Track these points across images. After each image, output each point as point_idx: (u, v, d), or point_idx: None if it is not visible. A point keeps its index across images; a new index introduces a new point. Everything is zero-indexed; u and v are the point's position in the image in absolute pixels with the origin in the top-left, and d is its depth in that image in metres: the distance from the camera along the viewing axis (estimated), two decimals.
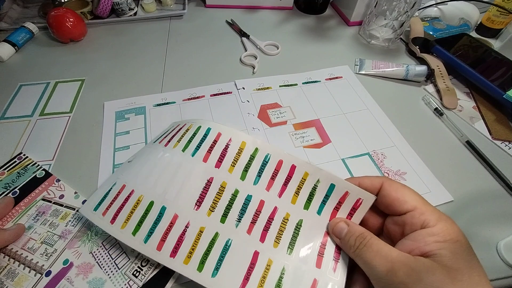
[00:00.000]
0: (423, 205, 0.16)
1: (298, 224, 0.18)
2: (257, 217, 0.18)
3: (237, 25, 0.45)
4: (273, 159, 0.19)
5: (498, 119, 0.34)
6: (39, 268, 0.20)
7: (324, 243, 0.17)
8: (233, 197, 0.18)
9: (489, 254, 0.23)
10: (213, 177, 0.18)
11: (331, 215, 0.18)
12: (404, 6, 0.39)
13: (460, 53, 0.39)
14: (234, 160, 0.19)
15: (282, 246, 0.17)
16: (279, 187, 0.18)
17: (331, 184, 0.18)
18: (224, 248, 0.17)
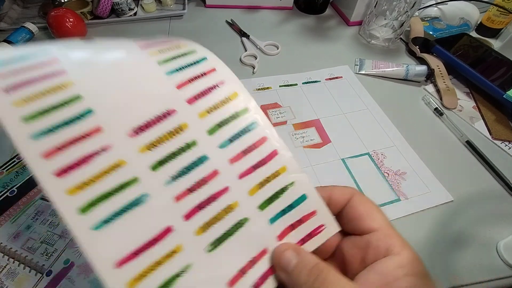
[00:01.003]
0: (389, 227, 0.14)
1: (240, 222, 0.13)
2: (199, 186, 0.13)
3: (237, 25, 0.45)
4: (258, 131, 0.14)
5: (498, 119, 0.34)
6: (40, 268, 0.20)
7: (255, 260, 0.13)
8: (186, 147, 0.13)
9: (489, 254, 0.23)
10: (175, 111, 0.13)
11: (283, 232, 0.14)
12: (404, 6, 0.39)
13: (460, 53, 0.39)
14: (213, 107, 0.14)
15: (204, 238, 0.12)
16: (245, 167, 0.14)
17: (303, 194, 0.14)
18: (133, 202, 0.11)
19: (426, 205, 0.26)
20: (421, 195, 0.26)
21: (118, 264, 0.11)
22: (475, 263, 0.23)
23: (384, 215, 0.14)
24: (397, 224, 0.26)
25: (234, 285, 0.12)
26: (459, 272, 0.22)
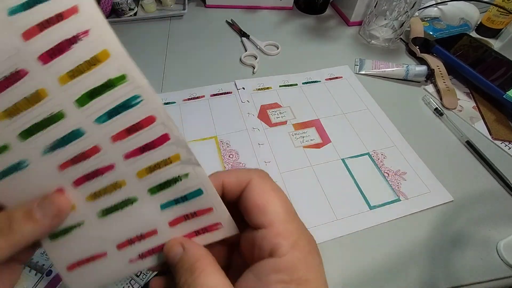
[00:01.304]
0: (283, 223, 0.12)
1: (129, 200, 0.14)
2: (81, 160, 0.13)
3: (237, 25, 0.45)
4: (143, 109, 0.12)
5: (498, 119, 0.34)
6: (40, 268, 0.20)
7: (143, 236, 0.14)
8: (53, 118, 0.12)
9: (489, 254, 0.23)
10: (27, 72, 0.11)
11: (175, 220, 0.14)
12: (404, 6, 0.39)
13: (460, 53, 0.39)
14: (76, 70, 0.12)
15: (95, 205, 0.14)
16: (130, 148, 0.13)
17: (199, 188, 0.14)
18: (13, 166, 0.12)
19: (426, 205, 0.26)
20: (421, 195, 0.26)
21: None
22: (475, 263, 0.23)
23: (283, 206, 0.13)
24: (397, 224, 0.26)
25: (122, 249, 0.14)
26: (459, 272, 0.22)
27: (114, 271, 0.15)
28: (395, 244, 0.23)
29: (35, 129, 0.12)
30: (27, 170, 0.12)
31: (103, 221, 0.14)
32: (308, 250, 0.12)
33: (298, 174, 0.27)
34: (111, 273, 0.15)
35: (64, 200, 0.13)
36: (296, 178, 0.27)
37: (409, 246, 0.23)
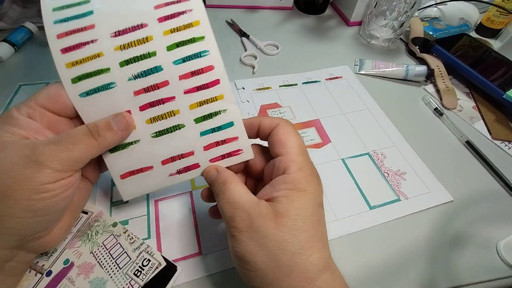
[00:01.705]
0: (296, 154, 0.16)
1: (179, 125, 0.18)
2: (152, 90, 0.17)
3: (237, 25, 0.45)
4: (208, 59, 0.17)
5: (498, 119, 0.34)
6: (40, 268, 0.20)
7: (183, 156, 0.18)
8: (147, 55, 0.17)
9: (489, 254, 0.23)
10: (147, 25, 0.16)
11: (209, 145, 0.18)
12: (404, 6, 0.39)
13: (460, 53, 0.39)
14: (176, 28, 0.17)
15: (151, 127, 0.17)
16: (190, 85, 0.17)
17: (231, 121, 0.18)
18: (105, 85, 0.16)
19: (426, 205, 0.26)
20: (421, 195, 0.26)
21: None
22: (475, 263, 0.23)
23: (298, 144, 0.17)
24: (397, 224, 0.26)
25: (165, 164, 0.18)
26: (459, 272, 0.22)
27: (156, 182, 0.19)
28: (395, 244, 0.23)
29: (133, 60, 0.16)
30: (112, 90, 0.17)
31: (155, 141, 0.18)
32: (310, 173, 0.16)
33: None
34: (153, 183, 0.19)
35: (131, 118, 0.17)
36: None
37: (409, 246, 0.23)
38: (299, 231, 0.14)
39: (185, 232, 0.23)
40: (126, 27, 0.16)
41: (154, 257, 0.21)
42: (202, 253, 0.22)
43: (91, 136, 0.15)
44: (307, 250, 0.14)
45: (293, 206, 0.15)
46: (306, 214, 0.15)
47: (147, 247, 0.21)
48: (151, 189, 0.19)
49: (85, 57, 0.16)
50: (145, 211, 0.24)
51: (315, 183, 0.16)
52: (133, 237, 0.22)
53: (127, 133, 0.17)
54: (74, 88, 0.16)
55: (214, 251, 0.22)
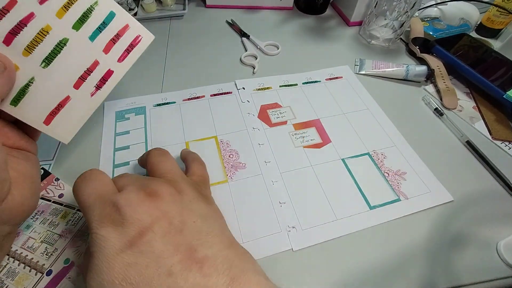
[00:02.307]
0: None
1: (61, 42, 0.16)
2: (4, 15, 0.15)
3: (237, 25, 0.45)
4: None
5: (498, 119, 0.34)
6: (40, 267, 0.20)
7: (91, 69, 0.17)
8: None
9: (489, 254, 0.23)
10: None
11: (107, 46, 0.17)
12: (404, 6, 0.39)
13: (460, 53, 0.39)
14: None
15: (34, 59, 0.16)
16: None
17: (111, 11, 0.17)
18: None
19: (426, 205, 0.26)
20: (421, 195, 0.26)
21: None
22: (475, 263, 0.23)
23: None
24: (397, 224, 0.26)
25: (79, 88, 0.17)
26: (459, 272, 0.22)
27: (84, 109, 0.18)
28: (395, 244, 0.23)
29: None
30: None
31: (50, 69, 0.16)
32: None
33: (298, 174, 0.27)
34: (82, 111, 0.18)
35: (4, 56, 0.15)
36: (296, 178, 0.27)
37: (409, 246, 0.23)
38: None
39: None
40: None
41: None
42: None
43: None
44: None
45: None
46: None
47: None
48: (84, 119, 0.18)
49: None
50: None
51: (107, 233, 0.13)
52: None
53: (9, 72, 0.15)
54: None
55: None
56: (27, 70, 0.16)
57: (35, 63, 0.16)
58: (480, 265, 0.23)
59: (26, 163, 0.18)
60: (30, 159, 0.18)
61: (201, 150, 0.29)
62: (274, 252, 0.22)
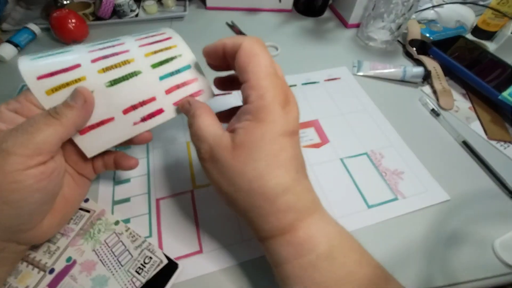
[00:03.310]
0: (258, 79, 0.15)
1: (135, 72, 0.18)
2: (108, 49, 0.18)
3: (237, 27, 0.46)
4: (166, 32, 0.20)
5: (494, 119, 0.34)
6: (42, 266, 0.20)
7: (145, 102, 0.18)
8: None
9: (485, 252, 0.24)
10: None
11: (170, 89, 0.18)
12: (401, 8, 0.39)
13: (456, 55, 0.39)
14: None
15: (104, 77, 0.17)
16: (146, 42, 0.19)
17: (188, 64, 0.19)
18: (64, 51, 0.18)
19: (423, 204, 0.26)
20: (418, 194, 0.27)
21: (39, 78, 0.16)
22: (471, 261, 0.23)
23: (261, 66, 0.15)
24: (394, 223, 0.27)
25: (127, 114, 0.18)
26: (456, 270, 0.23)
27: (120, 133, 0.18)
28: (392, 242, 0.24)
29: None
30: (68, 52, 0.17)
31: (111, 90, 0.17)
32: (271, 100, 0.15)
33: None
34: (118, 134, 0.18)
35: (87, 90, 0.16)
36: None
37: (406, 244, 0.24)
38: (254, 161, 0.15)
39: (186, 230, 0.23)
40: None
41: (156, 255, 0.21)
42: (203, 251, 0.22)
43: (50, 117, 0.15)
44: (264, 176, 0.15)
45: (248, 137, 0.15)
46: (262, 145, 0.15)
47: (148, 245, 0.22)
48: (116, 141, 0.18)
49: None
50: (147, 209, 0.24)
51: (277, 111, 0.15)
52: (135, 235, 0.22)
53: (88, 105, 0.16)
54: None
55: (215, 249, 0.22)
56: (92, 83, 0.17)
57: (102, 81, 0.17)
58: (476, 263, 0.23)
59: (79, 189, 0.19)
60: (84, 186, 0.20)
61: None
62: None
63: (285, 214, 0.15)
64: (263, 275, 0.21)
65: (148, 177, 0.26)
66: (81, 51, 0.17)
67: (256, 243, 0.23)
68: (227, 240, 0.23)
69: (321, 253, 0.15)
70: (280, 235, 0.16)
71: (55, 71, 0.16)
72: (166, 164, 0.28)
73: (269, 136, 0.15)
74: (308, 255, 0.15)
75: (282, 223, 0.15)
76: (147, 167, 0.27)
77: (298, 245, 0.15)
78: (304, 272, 0.15)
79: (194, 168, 0.27)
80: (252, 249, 0.22)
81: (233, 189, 0.15)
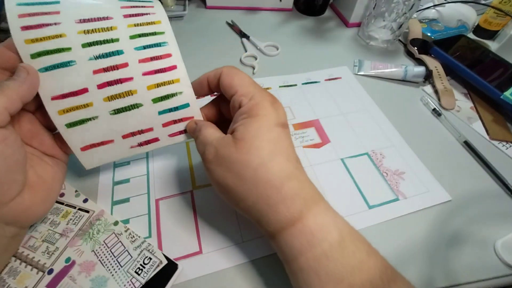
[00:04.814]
0: (245, 87, 0.18)
1: (136, 104, 0.19)
2: (111, 70, 0.18)
3: (237, 26, 0.45)
4: (166, 48, 0.19)
5: (496, 119, 0.34)
6: (41, 266, 0.20)
7: (143, 131, 0.20)
8: (110, 40, 0.18)
9: (486, 253, 0.24)
10: (112, 18, 0.18)
11: (167, 123, 0.20)
12: (402, 8, 0.39)
13: (458, 54, 0.39)
14: (140, 23, 0.19)
15: (109, 105, 0.18)
16: (149, 69, 0.19)
17: (187, 103, 0.20)
18: (64, 62, 0.17)
19: (425, 204, 0.26)
20: (420, 194, 0.27)
21: (53, 98, 0.17)
22: (473, 262, 0.23)
23: (246, 80, 0.19)
24: (395, 223, 0.26)
25: (125, 138, 0.19)
26: (457, 270, 0.22)
27: (117, 153, 0.20)
28: (394, 243, 0.24)
29: (95, 44, 0.17)
30: (71, 68, 0.17)
31: (114, 117, 0.19)
32: (260, 99, 0.18)
33: None
34: (115, 154, 0.20)
35: (29, 65, 0.16)
36: None
37: (407, 245, 0.24)
38: (256, 149, 0.16)
39: (186, 231, 0.23)
40: (92, 17, 0.18)
41: (155, 255, 0.21)
42: (203, 251, 0.22)
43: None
44: (267, 164, 0.16)
45: (248, 130, 0.17)
46: (261, 134, 0.16)
47: (148, 245, 0.22)
48: (113, 159, 0.20)
49: (46, 36, 0.16)
50: (146, 210, 0.24)
51: (268, 107, 0.17)
52: (134, 235, 0.22)
53: (31, 77, 0.16)
54: (33, 63, 0.16)
55: (215, 250, 0.22)
56: (97, 110, 0.18)
57: (107, 109, 0.18)
58: (477, 264, 0.23)
59: (52, 169, 0.20)
60: (58, 166, 0.20)
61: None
62: (273, 251, 0.22)
63: (293, 201, 0.16)
64: (263, 275, 0.21)
65: (148, 177, 0.26)
66: (79, 53, 0.17)
67: (256, 244, 0.23)
68: (227, 240, 0.23)
69: (333, 242, 0.15)
70: (291, 226, 0.16)
71: (66, 93, 0.17)
72: (165, 164, 0.27)
73: (266, 126, 0.17)
74: (320, 244, 0.15)
75: (291, 212, 0.16)
76: (146, 167, 0.27)
77: (310, 234, 0.16)
78: (318, 263, 0.15)
79: (194, 168, 0.27)
80: (252, 249, 0.22)
81: (240, 183, 0.16)
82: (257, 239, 0.23)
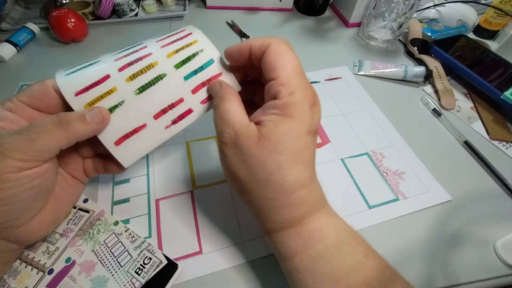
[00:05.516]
0: (288, 77, 0.16)
1: (160, 76, 0.17)
2: (132, 54, 0.18)
3: (237, 26, 0.45)
4: (187, 30, 0.19)
5: (496, 119, 0.34)
6: (42, 266, 0.20)
7: (174, 105, 0.18)
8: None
9: (486, 253, 0.24)
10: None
11: (196, 87, 0.18)
12: (402, 7, 0.39)
13: (458, 54, 0.39)
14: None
15: (132, 85, 0.17)
16: (167, 41, 0.18)
17: (211, 59, 0.18)
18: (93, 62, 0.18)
19: (425, 204, 0.26)
20: (420, 194, 0.27)
21: (77, 94, 0.17)
22: (473, 262, 0.23)
23: (292, 65, 0.16)
24: (395, 223, 0.26)
25: (157, 118, 0.18)
26: (457, 270, 0.22)
27: (154, 139, 0.18)
28: (394, 243, 0.24)
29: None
30: (96, 64, 0.18)
31: (140, 97, 0.17)
32: (301, 99, 0.15)
33: None
34: (151, 141, 0.18)
35: (107, 112, 0.17)
36: None
37: (407, 245, 0.24)
38: (278, 154, 0.15)
39: (186, 231, 0.23)
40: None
41: (155, 255, 0.21)
42: (203, 252, 0.22)
43: (59, 126, 0.15)
44: (285, 170, 0.15)
45: (277, 130, 0.15)
46: (289, 140, 0.15)
47: (148, 245, 0.22)
48: (150, 148, 0.19)
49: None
50: (146, 210, 0.24)
51: (306, 110, 0.15)
52: (134, 235, 0.22)
53: (101, 127, 0.16)
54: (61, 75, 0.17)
55: (215, 250, 0.22)
56: (122, 93, 0.17)
57: (131, 89, 0.17)
58: (477, 264, 0.23)
59: (71, 189, 0.19)
60: (77, 187, 0.20)
61: (202, 149, 0.29)
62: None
63: (298, 208, 0.16)
64: (263, 275, 0.21)
65: (148, 178, 0.26)
66: (108, 60, 0.18)
67: (256, 244, 0.23)
68: (227, 240, 0.23)
69: (330, 244, 0.15)
70: (289, 227, 0.16)
71: (89, 85, 0.17)
72: (165, 164, 0.27)
73: (296, 132, 0.15)
74: (317, 246, 0.15)
75: (293, 216, 0.16)
76: (146, 168, 0.27)
77: (307, 237, 0.16)
78: (313, 263, 0.15)
79: (194, 168, 0.27)
80: (253, 250, 0.22)
81: (251, 179, 0.15)
82: (257, 239, 0.23)
